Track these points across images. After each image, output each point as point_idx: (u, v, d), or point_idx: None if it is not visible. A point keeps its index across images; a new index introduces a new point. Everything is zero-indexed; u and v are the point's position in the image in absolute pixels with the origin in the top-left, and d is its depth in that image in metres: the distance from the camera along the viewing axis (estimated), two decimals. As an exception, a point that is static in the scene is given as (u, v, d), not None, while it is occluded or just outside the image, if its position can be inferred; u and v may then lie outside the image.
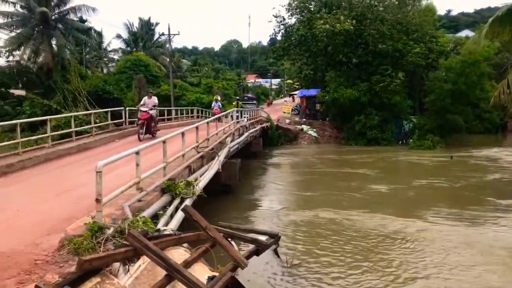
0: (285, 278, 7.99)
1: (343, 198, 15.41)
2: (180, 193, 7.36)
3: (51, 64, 36.10)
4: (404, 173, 22.62)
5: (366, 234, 10.95)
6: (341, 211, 13.19)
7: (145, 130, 15.50)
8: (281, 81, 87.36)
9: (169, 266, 4.00)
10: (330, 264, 8.90)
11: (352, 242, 10.33)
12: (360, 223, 11.97)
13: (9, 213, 6.81)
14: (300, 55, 39.63)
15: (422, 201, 15.02)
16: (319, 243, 10.25)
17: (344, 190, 16.73)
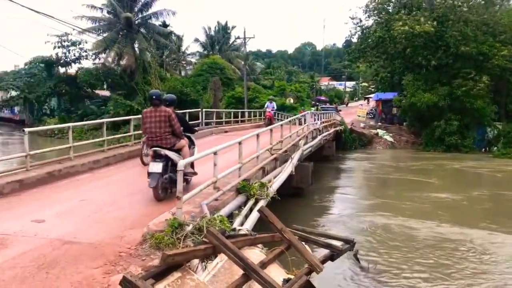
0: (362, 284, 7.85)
1: (418, 206, 14.80)
2: (255, 194, 7.44)
3: (133, 67, 38.14)
4: (487, 182, 21.29)
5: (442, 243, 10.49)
6: (415, 220, 12.72)
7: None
8: (355, 84, 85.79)
9: (246, 266, 4.06)
10: (407, 272, 8.61)
11: (428, 251, 9.94)
12: (434, 232, 11.48)
13: (96, 206, 7.26)
14: (376, 58, 38.73)
15: (505, 213, 14.08)
16: (393, 250, 9.95)
17: (419, 198, 16.06)
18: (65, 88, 43.81)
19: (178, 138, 7.83)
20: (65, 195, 7.95)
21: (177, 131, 7.77)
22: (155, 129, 7.64)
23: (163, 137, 7.64)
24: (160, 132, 7.63)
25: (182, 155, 7.69)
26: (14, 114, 58.71)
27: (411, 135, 34.57)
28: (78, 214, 6.84)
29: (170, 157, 7.53)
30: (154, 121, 7.64)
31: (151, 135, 7.70)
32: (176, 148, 7.76)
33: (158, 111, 7.64)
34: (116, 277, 4.49)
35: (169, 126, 7.64)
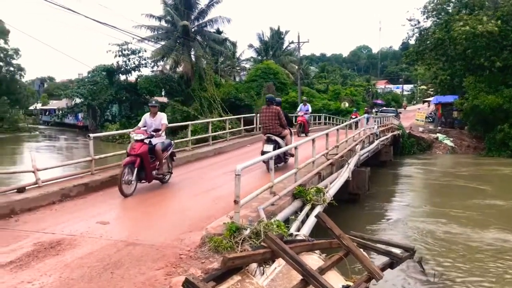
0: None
1: (480, 215, 14.05)
2: (311, 200, 7.40)
3: (190, 73, 39.12)
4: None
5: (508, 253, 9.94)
6: (476, 228, 12.11)
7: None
8: (413, 87, 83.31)
9: (305, 271, 4.05)
10: (472, 281, 8.24)
11: (492, 260, 9.46)
12: (498, 241, 10.89)
13: (158, 208, 7.50)
14: (435, 60, 37.35)
15: None
16: (456, 259, 9.56)
17: (480, 206, 15.27)
18: (125, 95, 45.59)
19: (283, 129, 10.74)
20: (128, 198, 8.26)
21: (283, 123, 10.76)
22: (268, 121, 10.70)
23: (273, 127, 10.64)
24: (272, 123, 10.65)
25: (285, 141, 10.53)
26: (78, 120, 61.87)
27: (473, 139, 33.03)
28: (140, 216, 7.11)
29: (278, 141, 10.45)
30: (267, 116, 10.70)
31: (265, 126, 10.82)
32: (282, 135, 10.65)
33: (270, 109, 10.71)
34: (177, 278, 4.60)
35: (278, 119, 10.63)
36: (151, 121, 9.27)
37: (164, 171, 9.22)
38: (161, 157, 8.81)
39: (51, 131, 64.66)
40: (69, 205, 7.69)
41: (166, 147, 9.26)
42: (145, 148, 8.45)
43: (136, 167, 8.23)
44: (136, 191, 8.61)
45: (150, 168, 8.63)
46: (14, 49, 60.52)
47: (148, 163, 8.52)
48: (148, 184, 9.31)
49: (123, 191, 8.05)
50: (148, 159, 8.49)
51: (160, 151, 8.80)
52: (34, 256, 5.30)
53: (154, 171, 8.77)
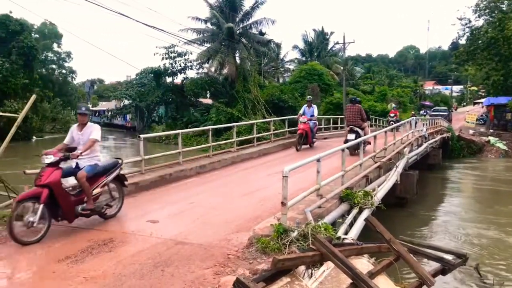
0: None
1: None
2: (359, 203, 7.29)
3: (234, 75, 39.40)
4: None
5: None
6: None
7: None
8: (463, 88, 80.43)
9: (355, 275, 3.99)
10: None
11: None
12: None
13: (204, 209, 7.61)
14: (488, 60, 35.95)
15: None
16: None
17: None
18: (171, 97, 46.51)
19: (363, 122, 13.80)
20: (175, 198, 8.45)
21: (363, 118, 13.91)
22: (352, 116, 13.86)
23: (355, 121, 13.72)
24: (354, 118, 13.76)
25: (364, 132, 13.19)
26: (126, 121, 63.73)
27: (528, 143, 31.53)
28: (188, 216, 7.23)
29: (358, 132, 13.28)
30: (351, 112, 13.95)
31: (349, 119, 14.03)
32: (362, 127, 13.53)
33: (354, 107, 13.99)
34: (226, 278, 4.66)
35: (359, 115, 13.77)
36: (78, 136, 6.81)
37: (101, 204, 6.76)
38: (86, 186, 6.33)
39: (101, 131, 66.88)
40: (120, 204, 7.94)
41: (102, 171, 6.78)
42: (57, 176, 6.05)
43: (43, 203, 5.79)
44: (184, 190, 8.79)
45: (69, 203, 6.22)
46: (66, 52, 63.10)
47: (64, 196, 6.13)
48: (196, 183, 9.47)
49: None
50: (61, 191, 6.09)
51: (83, 179, 6.30)
52: (88, 252, 5.50)
53: (79, 205, 6.36)
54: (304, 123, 15.44)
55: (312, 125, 15.75)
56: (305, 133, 15.37)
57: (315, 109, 16.37)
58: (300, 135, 15.38)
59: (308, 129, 15.46)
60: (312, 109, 16.27)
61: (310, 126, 15.61)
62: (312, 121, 15.84)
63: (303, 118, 15.67)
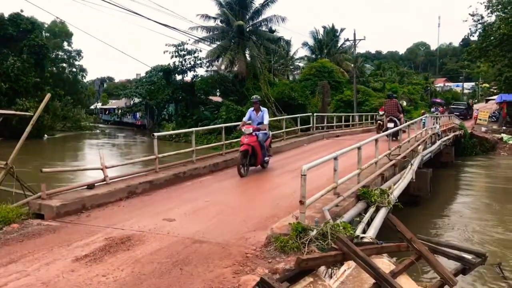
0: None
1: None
2: (376, 201, 7.22)
3: (244, 73, 39.33)
4: None
5: None
6: None
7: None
8: (474, 85, 79.60)
9: (378, 275, 3.94)
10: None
11: None
12: None
13: (220, 208, 7.58)
14: (500, 56, 35.60)
15: None
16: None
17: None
18: (181, 95, 46.57)
19: (399, 113, 17.51)
20: (190, 196, 8.43)
21: (399, 110, 17.70)
22: (390, 109, 17.67)
23: (393, 112, 17.44)
24: (392, 110, 17.56)
25: (400, 122, 16.63)
26: (136, 119, 64.00)
27: (541, 140, 31.11)
28: (204, 214, 7.21)
29: (396, 121, 16.70)
30: (389, 105, 17.74)
31: (388, 111, 17.71)
32: (398, 118, 17.15)
33: (392, 101, 17.88)
34: (246, 277, 4.62)
35: (396, 107, 17.57)
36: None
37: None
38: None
39: (111, 129, 67.45)
40: (135, 202, 7.94)
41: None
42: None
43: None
44: (199, 189, 8.77)
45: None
46: (77, 51, 63.41)
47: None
48: (211, 182, 9.46)
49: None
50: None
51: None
52: (106, 251, 5.50)
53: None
54: (250, 135, 10.43)
55: (261, 137, 10.64)
56: (252, 150, 10.37)
57: (266, 113, 10.98)
58: (244, 153, 10.34)
59: (255, 144, 10.41)
60: (261, 114, 11.00)
61: (259, 139, 10.52)
62: (262, 132, 10.76)
63: (247, 128, 10.57)
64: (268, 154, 11.24)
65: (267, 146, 11.31)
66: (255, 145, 10.40)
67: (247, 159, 10.39)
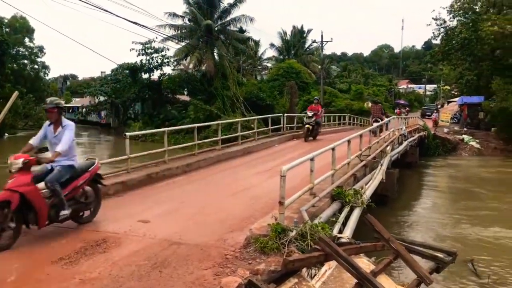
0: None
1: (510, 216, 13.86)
2: (350, 201, 7.34)
3: (212, 72, 39.12)
4: None
5: None
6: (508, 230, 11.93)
7: None
8: (436, 87, 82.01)
9: (360, 275, 4.01)
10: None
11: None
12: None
13: (195, 209, 7.53)
14: (461, 60, 36.72)
15: None
16: (497, 262, 9.40)
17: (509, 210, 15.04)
18: (148, 93, 45.86)
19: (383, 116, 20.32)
20: (164, 197, 8.34)
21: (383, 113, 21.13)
22: (376, 112, 20.88)
23: (378, 115, 20.20)
24: (378, 113, 20.64)
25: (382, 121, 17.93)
26: (101, 118, 62.66)
27: (500, 141, 32.26)
28: (180, 215, 7.15)
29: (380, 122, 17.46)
30: (376, 109, 21.26)
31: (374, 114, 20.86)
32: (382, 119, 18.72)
33: (377, 105, 21.66)
34: (227, 279, 4.60)
35: (381, 111, 21.01)
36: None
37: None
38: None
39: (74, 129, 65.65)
40: (108, 203, 7.75)
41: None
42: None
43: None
44: (173, 189, 8.69)
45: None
46: (39, 47, 61.52)
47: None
48: (184, 182, 9.37)
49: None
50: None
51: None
52: (82, 253, 5.37)
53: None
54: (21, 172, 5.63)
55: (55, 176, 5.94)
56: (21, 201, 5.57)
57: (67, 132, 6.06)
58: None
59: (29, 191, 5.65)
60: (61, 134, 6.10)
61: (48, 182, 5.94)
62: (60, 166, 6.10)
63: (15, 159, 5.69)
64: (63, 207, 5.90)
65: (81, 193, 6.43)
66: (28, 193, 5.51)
67: None
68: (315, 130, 18.80)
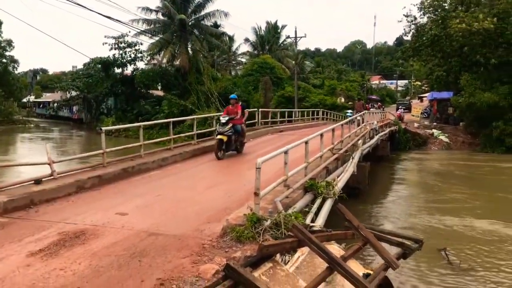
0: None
1: (477, 206, 14.55)
2: (322, 193, 7.61)
3: (187, 67, 39.02)
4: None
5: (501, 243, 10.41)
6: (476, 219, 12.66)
7: None
8: (407, 83, 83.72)
9: (331, 260, 4.26)
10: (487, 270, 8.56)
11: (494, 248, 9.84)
12: (496, 232, 11.32)
13: (172, 201, 7.67)
14: (431, 56, 37.68)
15: None
16: (463, 249, 9.92)
17: (475, 198, 15.83)
18: (121, 88, 45.41)
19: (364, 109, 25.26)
20: (141, 190, 8.44)
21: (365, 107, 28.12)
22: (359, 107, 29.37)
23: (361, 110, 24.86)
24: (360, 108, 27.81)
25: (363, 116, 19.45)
26: (73, 113, 61.65)
27: (467, 135, 33.39)
28: (156, 208, 7.27)
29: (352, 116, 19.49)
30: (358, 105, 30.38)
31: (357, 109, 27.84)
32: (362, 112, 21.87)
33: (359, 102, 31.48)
34: (205, 266, 4.80)
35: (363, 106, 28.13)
36: None
37: None
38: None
39: (46, 123, 64.50)
40: (85, 197, 7.85)
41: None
42: None
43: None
44: (149, 183, 8.81)
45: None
46: (7, 41, 59.97)
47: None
48: (160, 176, 9.51)
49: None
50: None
51: None
52: (61, 245, 5.46)
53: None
54: None
55: None
56: None
57: None
58: None
59: None
60: None
61: None
62: None
63: None
64: None
65: None
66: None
67: None
68: (235, 142, 12.81)
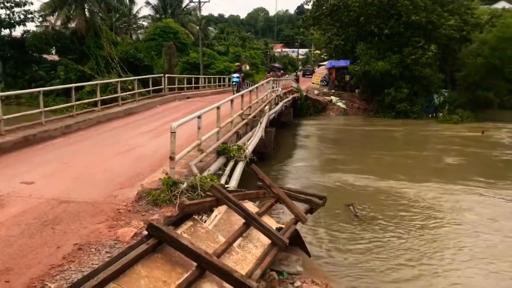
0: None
1: (372, 165, 16.04)
2: (234, 156, 7.87)
3: (84, 30, 36.64)
4: (434, 145, 22.66)
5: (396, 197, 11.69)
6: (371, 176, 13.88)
7: None
8: (308, 51, 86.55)
9: (247, 215, 4.53)
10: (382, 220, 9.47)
11: (383, 198, 11.08)
12: (391, 187, 12.61)
13: (80, 169, 7.45)
14: (330, 25, 39.22)
15: (454, 171, 15.38)
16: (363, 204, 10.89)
17: (371, 158, 17.41)
18: (9, 52, 41.32)
19: None
20: (45, 158, 8.06)
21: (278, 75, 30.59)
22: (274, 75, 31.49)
23: None
24: None
25: None
26: (-48, 79, 55.28)
27: (363, 102, 35.66)
28: (65, 176, 7.04)
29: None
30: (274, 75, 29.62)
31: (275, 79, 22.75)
32: None
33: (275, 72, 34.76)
34: (122, 230, 4.86)
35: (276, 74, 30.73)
36: None
37: None
38: None
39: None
40: (-18, 167, 7.34)
41: None
42: None
43: None
44: (53, 151, 8.44)
45: None
46: None
47: None
48: (64, 144, 9.12)
49: None
50: None
51: None
52: (-37, 217, 5.15)
53: None
54: None
55: None
56: None
57: None
58: None
59: None
60: None
61: None
62: None
63: None
64: None
65: None
66: None
67: None
68: None
